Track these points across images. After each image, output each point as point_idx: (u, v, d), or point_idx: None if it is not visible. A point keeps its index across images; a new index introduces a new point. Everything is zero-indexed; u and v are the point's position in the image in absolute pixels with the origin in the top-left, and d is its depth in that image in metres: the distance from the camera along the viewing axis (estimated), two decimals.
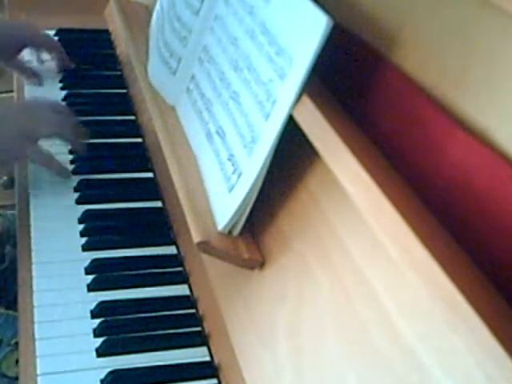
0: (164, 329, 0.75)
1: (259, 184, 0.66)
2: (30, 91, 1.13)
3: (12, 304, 0.83)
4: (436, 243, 0.47)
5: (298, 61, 0.62)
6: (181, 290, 0.81)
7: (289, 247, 0.65)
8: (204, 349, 0.74)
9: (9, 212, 1.04)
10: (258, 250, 0.69)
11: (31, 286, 0.77)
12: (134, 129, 1.08)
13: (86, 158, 0.99)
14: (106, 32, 1.32)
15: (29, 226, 0.86)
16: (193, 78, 0.87)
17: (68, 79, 1.17)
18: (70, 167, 0.97)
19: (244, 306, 0.69)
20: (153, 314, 0.77)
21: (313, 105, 0.60)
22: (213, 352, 0.73)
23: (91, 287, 0.79)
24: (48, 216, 0.88)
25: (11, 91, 1.19)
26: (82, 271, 0.81)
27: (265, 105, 0.66)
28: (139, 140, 1.05)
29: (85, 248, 0.84)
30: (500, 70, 0.50)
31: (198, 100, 0.83)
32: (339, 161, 0.56)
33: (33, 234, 0.85)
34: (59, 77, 1.17)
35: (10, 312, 0.87)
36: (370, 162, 0.55)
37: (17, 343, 0.74)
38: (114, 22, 1.26)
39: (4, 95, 1.68)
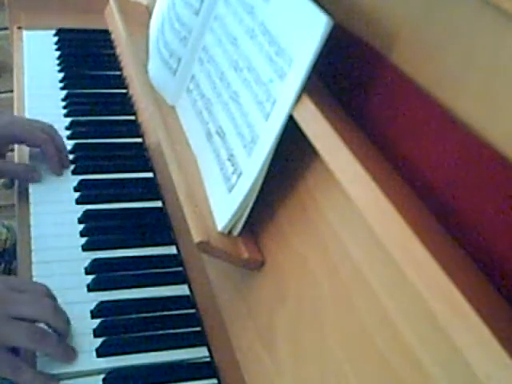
0: (164, 329, 0.75)
1: (259, 184, 0.66)
2: (31, 91, 1.13)
3: None
4: (436, 243, 0.47)
5: (297, 61, 0.62)
6: (181, 289, 0.81)
7: (289, 247, 0.65)
8: (204, 349, 0.74)
9: (16, 225, 1.03)
10: (258, 250, 0.69)
11: None
12: (134, 129, 1.08)
13: (86, 157, 0.99)
14: (106, 32, 1.32)
15: (29, 225, 0.86)
16: (193, 78, 0.87)
17: (68, 79, 1.17)
18: (70, 167, 0.97)
19: (244, 305, 0.69)
20: (153, 314, 0.77)
21: (313, 105, 0.60)
22: (213, 352, 0.73)
23: (91, 287, 0.79)
24: (48, 216, 0.88)
25: (11, 91, 1.19)
26: (82, 271, 0.81)
27: (265, 105, 0.66)
28: (139, 140, 1.05)
29: (85, 248, 0.84)
30: (500, 70, 0.50)
31: (198, 100, 0.83)
32: (339, 161, 0.56)
33: (33, 234, 0.85)
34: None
35: None
36: (369, 161, 0.55)
37: None
38: (113, 22, 1.26)
39: (4, 95, 1.69)
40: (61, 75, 1.18)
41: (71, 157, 0.98)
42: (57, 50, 1.26)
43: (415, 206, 0.54)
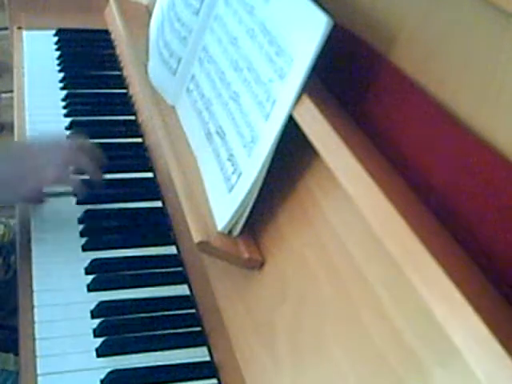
0: (164, 329, 0.75)
1: (259, 184, 0.66)
2: (31, 91, 1.13)
3: (11, 315, 0.83)
4: (436, 243, 0.47)
5: (298, 61, 0.62)
6: (181, 289, 0.81)
7: (289, 247, 0.65)
8: (204, 349, 0.74)
9: (14, 222, 1.03)
10: (258, 250, 0.69)
11: (31, 286, 0.77)
12: (134, 129, 1.08)
13: None
14: (106, 32, 1.32)
15: (29, 226, 0.86)
16: (193, 78, 0.87)
17: (68, 79, 1.17)
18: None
19: (244, 305, 0.69)
20: (153, 314, 0.77)
21: (313, 105, 0.60)
22: (213, 352, 0.73)
23: (91, 287, 0.79)
24: (48, 216, 0.88)
25: (11, 91, 1.19)
26: (82, 271, 0.81)
27: (265, 105, 0.66)
28: (139, 140, 1.05)
29: (85, 248, 0.84)
30: (500, 70, 0.50)
31: (198, 100, 0.83)
32: (339, 161, 0.56)
33: (33, 234, 0.85)
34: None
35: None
36: (369, 161, 0.55)
37: None
38: (113, 22, 1.26)
39: (4, 95, 1.69)
40: (61, 75, 1.18)
41: None
42: (57, 50, 1.26)
43: (415, 205, 0.54)
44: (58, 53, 1.24)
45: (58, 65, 1.21)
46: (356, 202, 0.52)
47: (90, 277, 0.80)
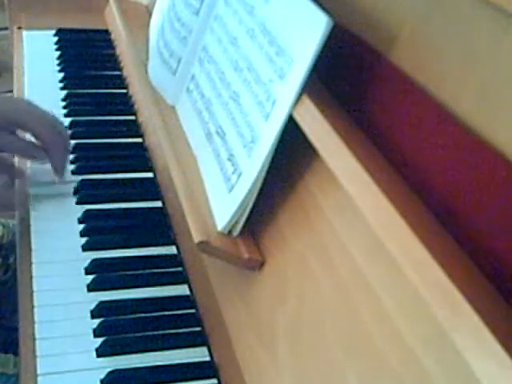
0: (164, 329, 0.75)
1: (259, 184, 0.66)
2: (31, 91, 1.13)
3: (10, 315, 0.83)
4: (436, 243, 0.47)
5: (298, 61, 0.62)
6: (181, 290, 0.81)
7: (289, 247, 0.65)
8: (204, 349, 0.74)
9: (13, 223, 1.03)
10: (257, 250, 0.69)
11: (31, 286, 0.77)
12: (134, 129, 1.08)
13: (86, 157, 0.99)
14: (106, 32, 1.32)
15: (29, 226, 0.86)
16: (193, 78, 0.87)
17: (68, 79, 1.17)
18: (70, 167, 0.97)
19: (244, 305, 0.69)
20: (153, 314, 0.77)
21: (313, 105, 0.60)
22: (213, 352, 0.73)
23: (91, 287, 0.79)
24: (48, 216, 0.88)
25: (11, 91, 1.19)
26: (82, 271, 0.81)
27: (265, 105, 0.66)
28: (139, 140, 1.05)
29: (85, 248, 0.84)
30: (500, 70, 0.50)
31: (198, 100, 0.83)
32: (339, 161, 0.56)
33: (33, 234, 0.85)
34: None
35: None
36: (370, 161, 0.55)
37: None
38: (113, 22, 1.26)
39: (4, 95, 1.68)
40: (61, 75, 1.18)
41: (71, 157, 0.99)
42: (57, 50, 1.26)
43: (415, 205, 0.54)
44: (58, 53, 1.24)
45: (58, 65, 1.21)
46: (356, 202, 0.52)
47: (90, 277, 0.80)
